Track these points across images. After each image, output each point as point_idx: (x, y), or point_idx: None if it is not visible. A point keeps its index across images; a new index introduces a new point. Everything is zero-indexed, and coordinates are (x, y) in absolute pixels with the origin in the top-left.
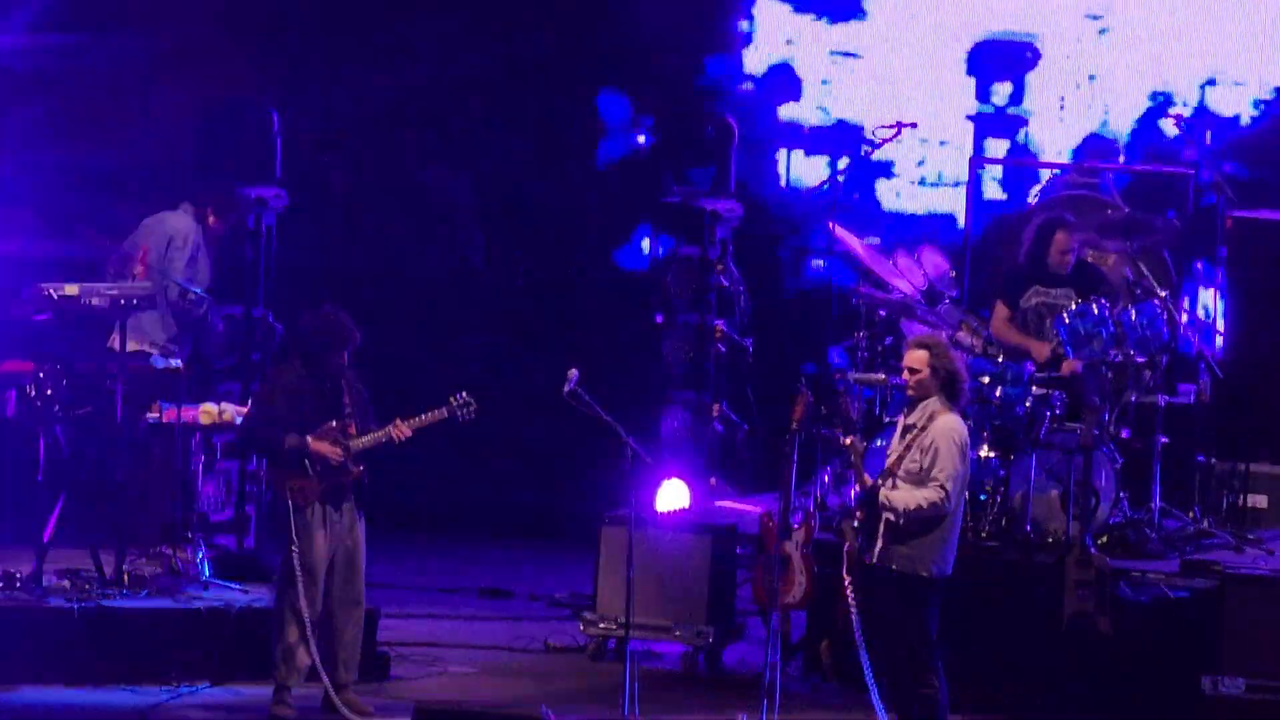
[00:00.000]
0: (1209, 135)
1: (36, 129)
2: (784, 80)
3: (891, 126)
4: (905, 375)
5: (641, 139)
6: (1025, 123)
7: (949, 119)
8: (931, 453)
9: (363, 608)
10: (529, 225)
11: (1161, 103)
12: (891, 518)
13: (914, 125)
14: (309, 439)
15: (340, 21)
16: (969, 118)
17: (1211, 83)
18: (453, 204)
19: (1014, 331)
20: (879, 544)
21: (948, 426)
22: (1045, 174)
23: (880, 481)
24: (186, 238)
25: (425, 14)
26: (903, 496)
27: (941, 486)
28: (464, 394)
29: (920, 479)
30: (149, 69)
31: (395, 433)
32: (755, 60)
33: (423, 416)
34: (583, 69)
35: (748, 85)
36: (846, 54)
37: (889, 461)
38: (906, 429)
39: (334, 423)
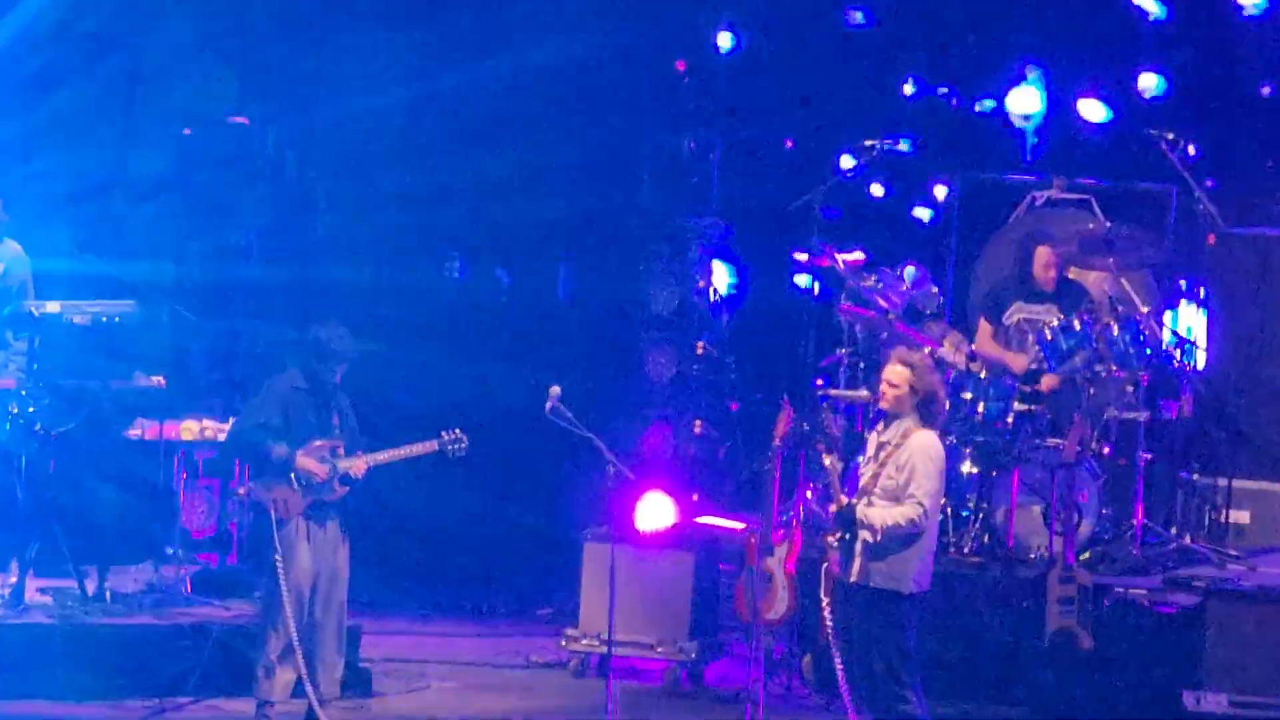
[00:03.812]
0: None
1: None
2: None
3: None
4: (882, 388)
5: None
6: None
7: None
8: (908, 470)
9: (345, 625)
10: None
11: None
12: (869, 535)
13: (901, 139)
14: (297, 453)
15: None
16: None
17: None
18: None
19: (995, 347)
20: (857, 561)
21: (924, 444)
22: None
23: (856, 500)
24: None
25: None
26: (880, 514)
27: (919, 504)
28: (457, 430)
29: (897, 496)
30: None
31: (376, 458)
32: None
33: (412, 446)
34: None
35: None
36: None
37: (864, 480)
38: (881, 446)
39: (323, 441)
